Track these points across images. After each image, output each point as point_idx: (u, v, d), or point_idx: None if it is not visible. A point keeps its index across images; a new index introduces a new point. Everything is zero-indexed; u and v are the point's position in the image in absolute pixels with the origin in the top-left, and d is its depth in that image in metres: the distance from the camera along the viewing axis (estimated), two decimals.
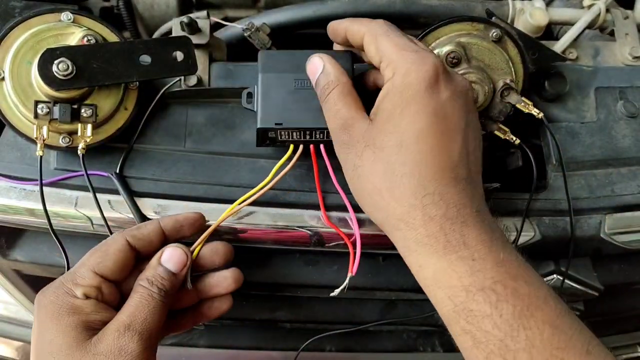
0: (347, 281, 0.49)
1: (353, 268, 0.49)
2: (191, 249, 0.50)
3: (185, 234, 0.51)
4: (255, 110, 0.51)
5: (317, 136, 0.50)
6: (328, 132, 0.48)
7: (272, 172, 0.51)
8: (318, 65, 0.47)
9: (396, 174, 0.40)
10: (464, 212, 0.40)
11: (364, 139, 0.42)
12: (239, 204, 0.51)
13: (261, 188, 0.51)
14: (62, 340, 0.42)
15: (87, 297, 0.44)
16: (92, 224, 0.53)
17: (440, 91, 0.41)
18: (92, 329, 0.43)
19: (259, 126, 0.49)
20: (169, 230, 0.50)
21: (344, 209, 0.52)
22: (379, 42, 0.44)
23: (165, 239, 0.50)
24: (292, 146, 0.51)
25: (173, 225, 0.50)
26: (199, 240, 0.51)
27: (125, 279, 0.48)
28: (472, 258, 0.39)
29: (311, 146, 0.51)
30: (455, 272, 0.39)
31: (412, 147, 0.40)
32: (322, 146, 0.50)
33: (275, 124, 0.49)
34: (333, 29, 0.50)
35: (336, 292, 0.49)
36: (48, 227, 0.50)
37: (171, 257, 0.48)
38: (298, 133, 0.49)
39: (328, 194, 0.53)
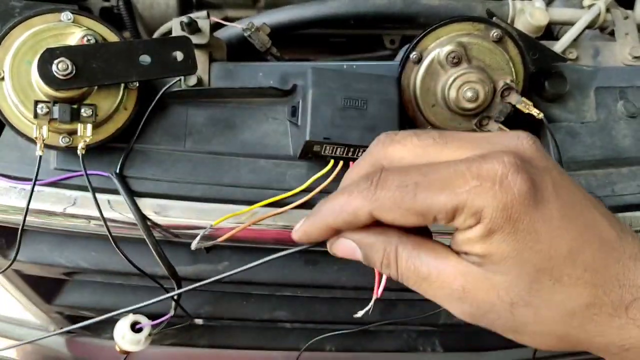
0: (372, 303, 0.47)
1: (378, 290, 0.47)
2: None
3: None
4: (299, 124, 0.52)
5: (360, 154, 0.51)
6: None
7: (308, 182, 0.52)
8: (351, 248, 0.37)
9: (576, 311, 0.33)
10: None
11: (509, 296, 0.33)
12: (282, 206, 0.52)
13: (295, 194, 0.52)
14: None
15: None
16: (92, 224, 0.53)
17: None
18: None
19: (307, 138, 0.50)
20: None
21: None
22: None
23: None
24: (332, 161, 0.52)
25: None
26: (225, 236, 0.50)
27: None
28: None
29: (351, 163, 0.52)
30: None
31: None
32: None
33: (324, 138, 0.50)
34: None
35: (360, 313, 0.48)
36: (20, 224, 0.50)
37: None
38: (342, 149, 0.51)
39: None
